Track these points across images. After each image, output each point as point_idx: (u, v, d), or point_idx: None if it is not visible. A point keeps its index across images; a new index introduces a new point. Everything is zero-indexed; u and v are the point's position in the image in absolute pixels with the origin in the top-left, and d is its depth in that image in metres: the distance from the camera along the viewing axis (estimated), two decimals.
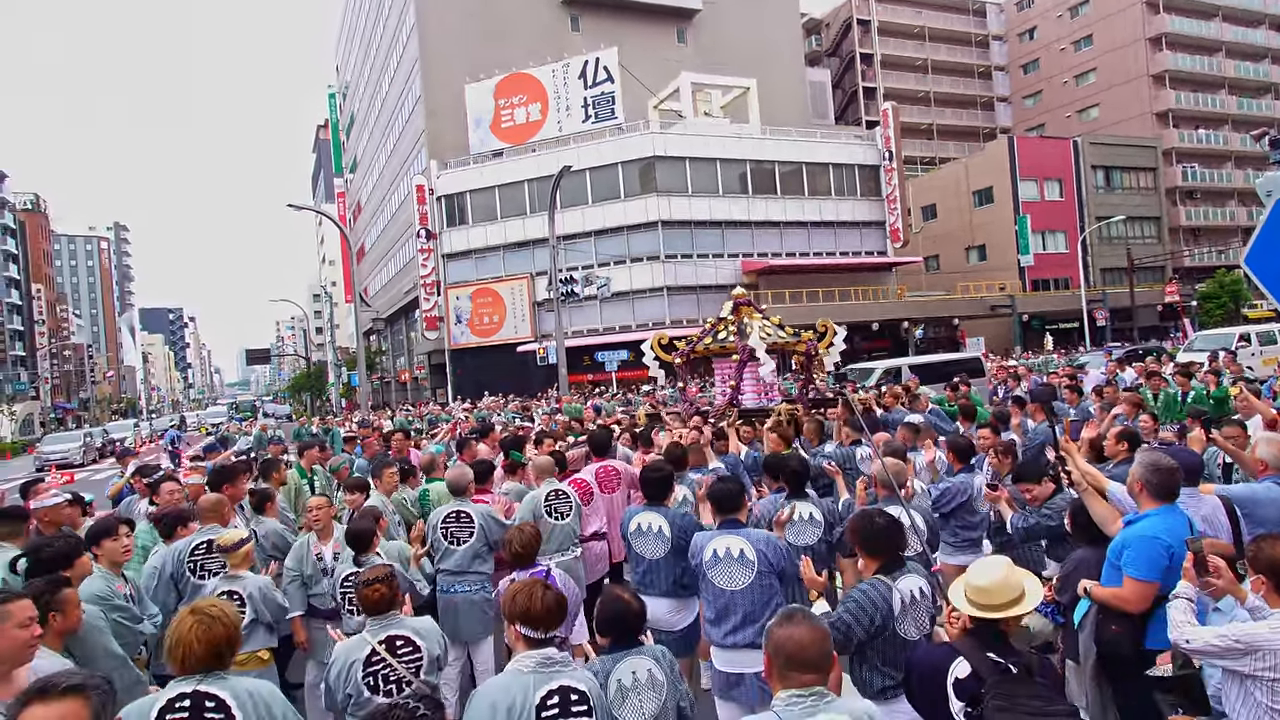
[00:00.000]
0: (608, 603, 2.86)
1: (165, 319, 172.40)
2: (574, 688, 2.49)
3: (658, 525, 4.46)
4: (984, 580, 2.55)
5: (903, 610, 3.03)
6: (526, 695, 2.43)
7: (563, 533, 5.45)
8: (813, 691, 2.06)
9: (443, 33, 40.51)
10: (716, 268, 37.02)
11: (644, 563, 4.49)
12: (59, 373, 77.16)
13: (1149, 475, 3.38)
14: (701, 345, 10.15)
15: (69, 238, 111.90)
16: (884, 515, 3.23)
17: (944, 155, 58.42)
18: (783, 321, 10.36)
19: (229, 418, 49.16)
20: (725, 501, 3.98)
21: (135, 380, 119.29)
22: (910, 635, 3.04)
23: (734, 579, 3.74)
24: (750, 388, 9.76)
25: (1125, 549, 3.27)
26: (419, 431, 14.37)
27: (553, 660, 2.52)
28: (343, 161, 68.02)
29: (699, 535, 4.01)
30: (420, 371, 46.31)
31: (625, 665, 2.76)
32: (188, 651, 2.46)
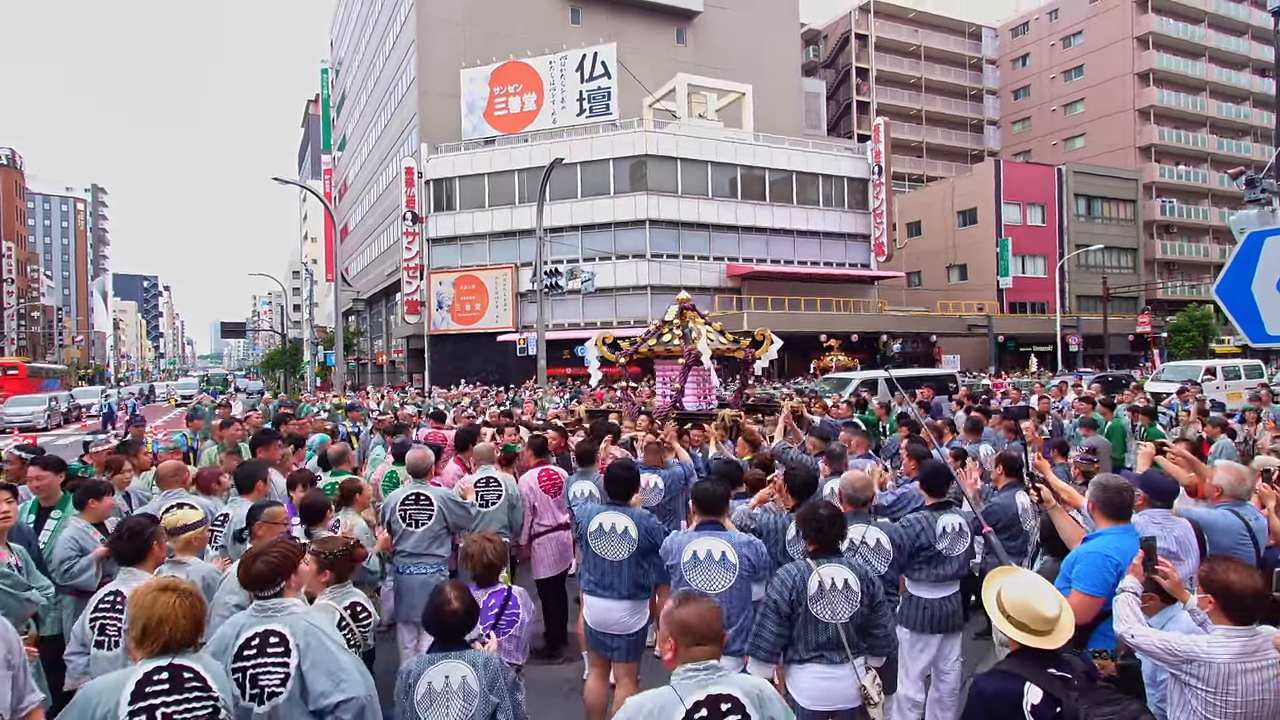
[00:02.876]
0: (433, 600, 2.80)
1: (139, 286, 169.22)
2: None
3: (623, 526, 4.32)
4: (1037, 602, 2.52)
5: (819, 594, 3.24)
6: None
7: (487, 520, 5.55)
8: (706, 665, 2.27)
9: (441, 15, 40.23)
10: (701, 269, 37.16)
11: (603, 564, 4.33)
12: (26, 334, 75.48)
13: (1099, 494, 3.56)
14: (645, 347, 10.33)
15: (44, 197, 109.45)
16: (829, 507, 3.49)
17: (932, 174, 59.10)
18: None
19: (200, 390, 48.42)
20: (709, 502, 3.89)
21: (105, 346, 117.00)
22: (822, 617, 3.25)
23: (714, 582, 3.68)
24: (692, 391, 9.93)
25: (1076, 563, 3.46)
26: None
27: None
28: (332, 138, 67.24)
29: (676, 536, 3.93)
30: (398, 355, 45.99)
31: (439, 669, 2.69)
32: (174, 628, 2.40)
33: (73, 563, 4.19)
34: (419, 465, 5.23)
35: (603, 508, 4.49)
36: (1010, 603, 2.57)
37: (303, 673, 2.67)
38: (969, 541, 4.50)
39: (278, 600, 2.80)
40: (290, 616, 2.77)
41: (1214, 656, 2.60)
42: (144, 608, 2.41)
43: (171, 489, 5.05)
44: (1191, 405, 10.79)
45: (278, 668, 2.69)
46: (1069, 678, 2.47)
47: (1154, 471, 4.38)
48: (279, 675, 2.68)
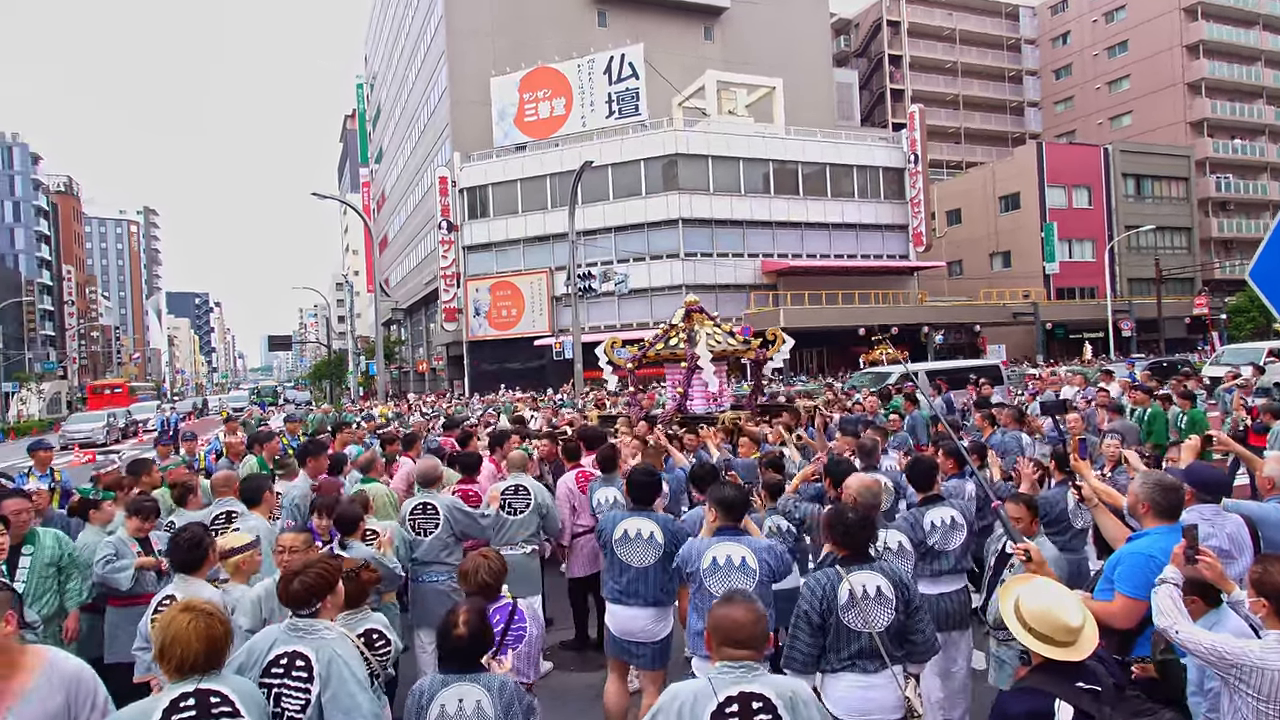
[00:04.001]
0: (444, 621, 2.73)
1: (191, 303, 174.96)
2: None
3: (649, 531, 4.26)
4: (1059, 611, 2.38)
5: (850, 602, 3.13)
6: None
7: (515, 527, 5.50)
8: (743, 664, 2.34)
9: (470, 26, 40.69)
10: (736, 267, 36.89)
11: (629, 571, 4.26)
12: (87, 353, 78.64)
13: (1147, 492, 3.34)
14: (653, 350, 10.25)
15: (99, 220, 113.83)
16: (856, 512, 3.38)
17: (971, 160, 57.75)
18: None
19: (250, 402, 49.79)
20: (731, 507, 3.81)
21: (160, 363, 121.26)
22: (855, 627, 3.13)
23: (734, 587, 3.61)
24: (699, 394, 9.80)
25: (1119, 564, 3.25)
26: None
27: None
28: (369, 152, 68.58)
29: (694, 542, 3.85)
30: (438, 363, 46.65)
31: (452, 691, 2.62)
32: (186, 651, 2.33)
33: (113, 559, 4.48)
34: (428, 475, 5.32)
35: (627, 514, 4.43)
36: (1030, 613, 2.42)
37: (321, 704, 2.64)
38: (965, 534, 4.33)
39: (311, 621, 2.78)
40: (319, 641, 2.73)
41: (1267, 664, 2.42)
42: (162, 626, 2.38)
43: (223, 497, 5.27)
44: (1235, 390, 10.22)
45: (300, 693, 2.67)
46: (1099, 690, 2.32)
47: (1201, 464, 4.13)
48: (300, 701, 2.67)
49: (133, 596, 4.53)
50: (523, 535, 5.53)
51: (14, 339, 60.30)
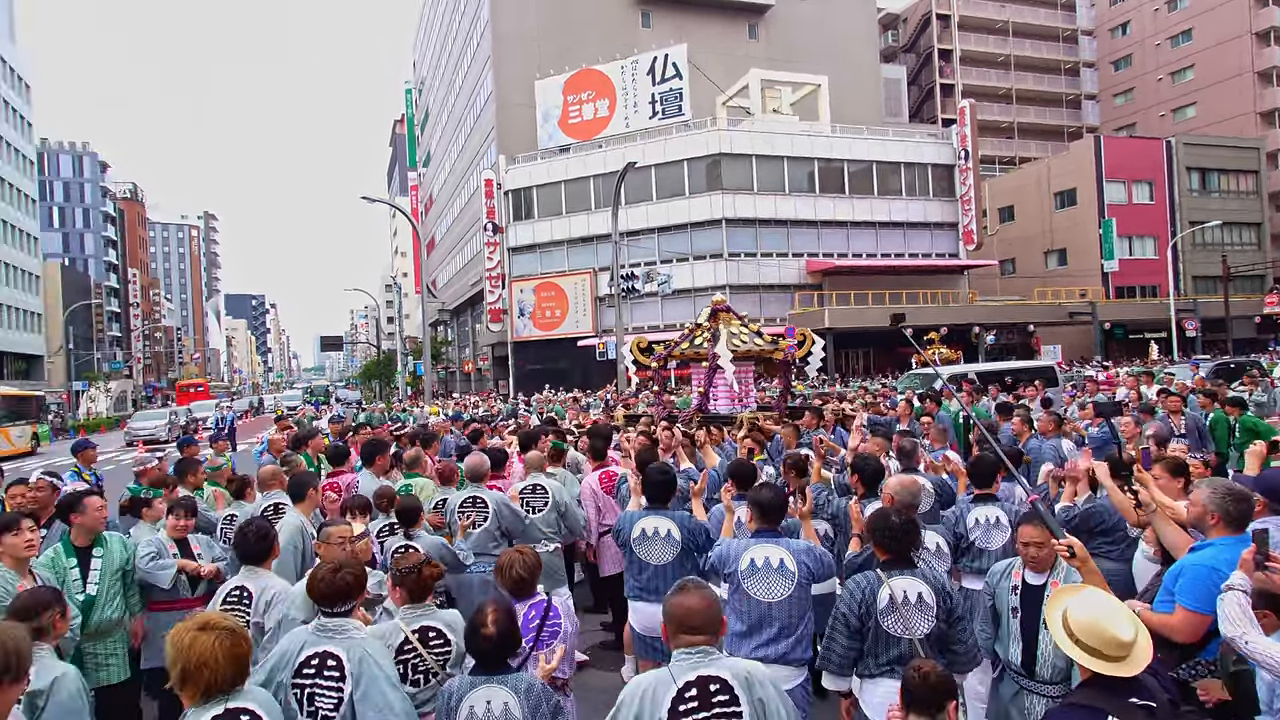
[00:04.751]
0: (471, 621, 2.72)
1: (248, 305, 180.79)
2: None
3: (665, 529, 4.33)
4: (1109, 624, 2.27)
5: (890, 607, 3.13)
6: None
7: (534, 525, 5.59)
8: (699, 650, 2.40)
9: (515, 29, 41.13)
10: (780, 267, 36.55)
11: (649, 569, 4.34)
12: (150, 353, 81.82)
13: (1216, 501, 3.18)
14: (679, 350, 10.17)
15: (163, 225, 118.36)
16: (900, 515, 3.35)
17: (1024, 155, 56.16)
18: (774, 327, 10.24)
19: (303, 401, 51.18)
20: (768, 509, 3.76)
21: (219, 362, 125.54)
22: (894, 632, 3.13)
23: (773, 590, 3.57)
24: (724, 394, 9.69)
25: (1180, 576, 3.10)
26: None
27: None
28: (417, 156, 69.88)
29: (732, 543, 3.81)
30: (484, 363, 47.26)
31: (480, 693, 2.62)
32: (215, 673, 2.25)
33: (155, 557, 4.54)
34: (476, 470, 5.56)
35: (644, 513, 4.49)
36: (1078, 625, 2.31)
37: (354, 702, 2.67)
38: (1007, 536, 4.30)
39: (341, 621, 2.81)
40: (349, 640, 2.76)
41: None
42: (182, 649, 2.25)
43: (270, 490, 5.55)
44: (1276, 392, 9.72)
45: (332, 692, 2.70)
46: (1153, 706, 2.21)
47: (1274, 471, 3.91)
48: (333, 700, 2.70)
49: (170, 601, 4.57)
50: (544, 533, 5.64)
51: (83, 340, 63.10)
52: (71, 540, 4.28)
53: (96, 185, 75.02)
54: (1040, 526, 3.25)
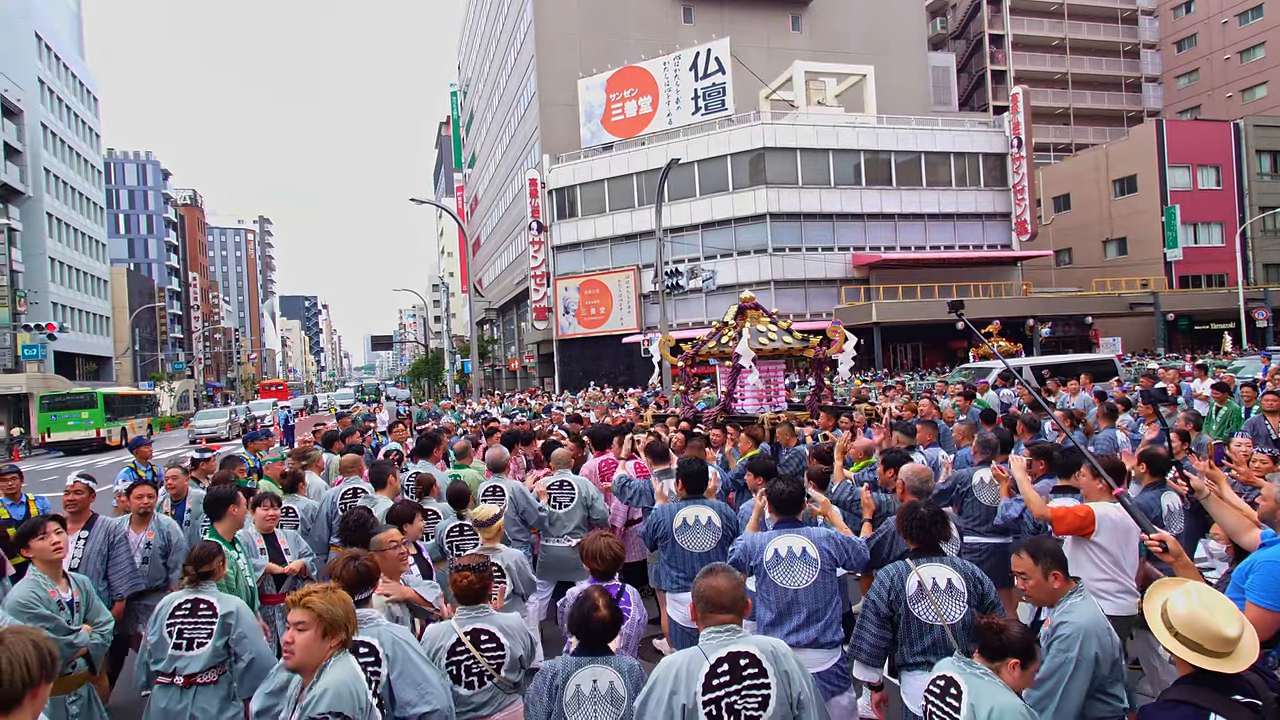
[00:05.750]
0: (582, 606, 2.80)
1: (302, 306, 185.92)
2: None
3: (706, 517, 4.49)
4: (1213, 619, 2.18)
5: (919, 594, 3.21)
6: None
7: (561, 520, 5.81)
8: (727, 628, 2.56)
9: (558, 29, 41.37)
10: (826, 261, 36.08)
11: (690, 559, 4.45)
12: (210, 354, 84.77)
13: None
14: (705, 349, 10.06)
15: (220, 229, 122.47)
16: (929, 506, 3.44)
17: (1081, 141, 54.33)
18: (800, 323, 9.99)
19: (356, 400, 52.43)
20: (783, 502, 3.89)
21: (275, 362, 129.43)
22: (924, 619, 3.20)
23: (797, 578, 3.69)
24: (751, 393, 9.55)
25: (1251, 572, 2.98)
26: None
27: None
28: (462, 156, 70.88)
29: (755, 536, 3.91)
30: (529, 361, 47.74)
31: (586, 672, 2.72)
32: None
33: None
34: (497, 461, 5.94)
35: (683, 503, 4.62)
36: (1179, 618, 2.22)
37: (391, 682, 2.78)
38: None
39: (364, 610, 2.91)
40: (376, 627, 2.89)
41: None
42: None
43: (350, 476, 6.12)
44: None
45: (370, 677, 2.78)
46: (1258, 704, 2.12)
47: None
48: (371, 684, 2.78)
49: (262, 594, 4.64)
50: (569, 528, 5.78)
51: (148, 341, 65.71)
52: (221, 535, 4.37)
53: (159, 192, 77.96)
54: (1020, 554, 3.01)
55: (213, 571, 3.66)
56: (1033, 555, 2.95)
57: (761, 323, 9.78)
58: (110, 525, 4.94)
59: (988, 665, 2.47)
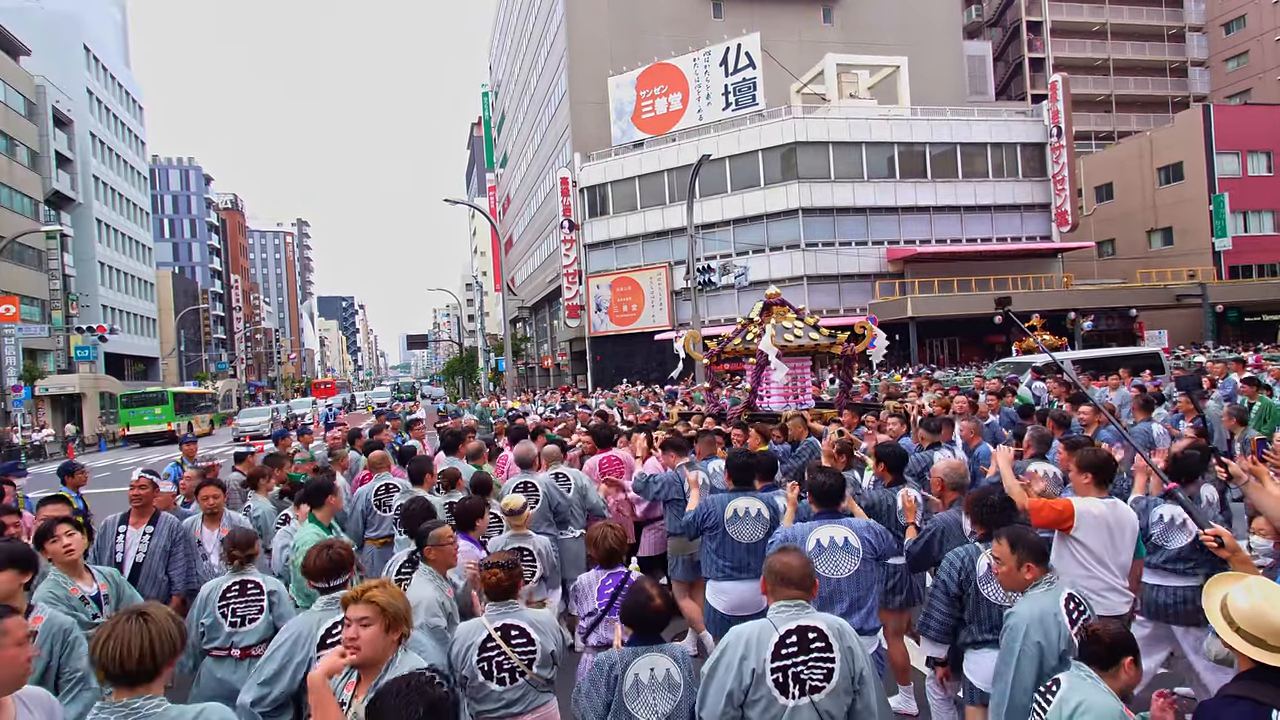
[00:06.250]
0: (635, 595, 2.89)
1: (339, 306, 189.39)
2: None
3: (756, 509, 4.64)
4: (1275, 610, 2.15)
5: (988, 575, 3.35)
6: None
7: (563, 512, 5.99)
8: (796, 603, 2.70)
9: (588, 28, 41.50)
10: (859, 255, 35.69)
11: (739, 549, 4.59)
12: (252, 354, 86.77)
13: None
14: (731, 346, 9.99)
15: (260, 232, 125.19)
16: (999, 494, 3.64)
17: (1123, 129, 52.92)
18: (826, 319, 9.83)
19: (393, 398, 53.30)
20: (826, 494, 3.98)
21: (314, 362, 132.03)
22: (993, 599, 3.37)
23: (840, 567, 3.78)
24: (778, 390, 9.44)
25: None
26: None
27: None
28: (494, 156, 71.49)
29: (798, 526, 3.99)
30: (562, 358, 48.04)
31: (644, 660, 2.79)
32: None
33: (289, 549, 4.78)
34: (525, 457, 6.15)
35: (733, 495, 4.73)
36: (1241, 613, 2.19)
37: None
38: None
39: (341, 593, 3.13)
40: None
41: None
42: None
43: (381, 472, 6.32)
44: None
45: None
46: None
47: None
48: None
49: None
50: (573, 517, 5.99)
51: (192, 342, 67.51)
52: (319, 520, 4.67)
53: (201, 197, 80.00)
54: (1000, 540, 3.05)
55: (255, 554, 4.03)
56: (1011, 544, 2.99)
57: (788, 319, 9.68)
58: (173, 522, 5.06)
59: (1099, 673, 2.48)
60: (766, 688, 2.58)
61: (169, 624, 2.13)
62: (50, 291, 43.92)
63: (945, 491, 4.22)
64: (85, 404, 41.35)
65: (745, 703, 2.59)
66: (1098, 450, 4.01)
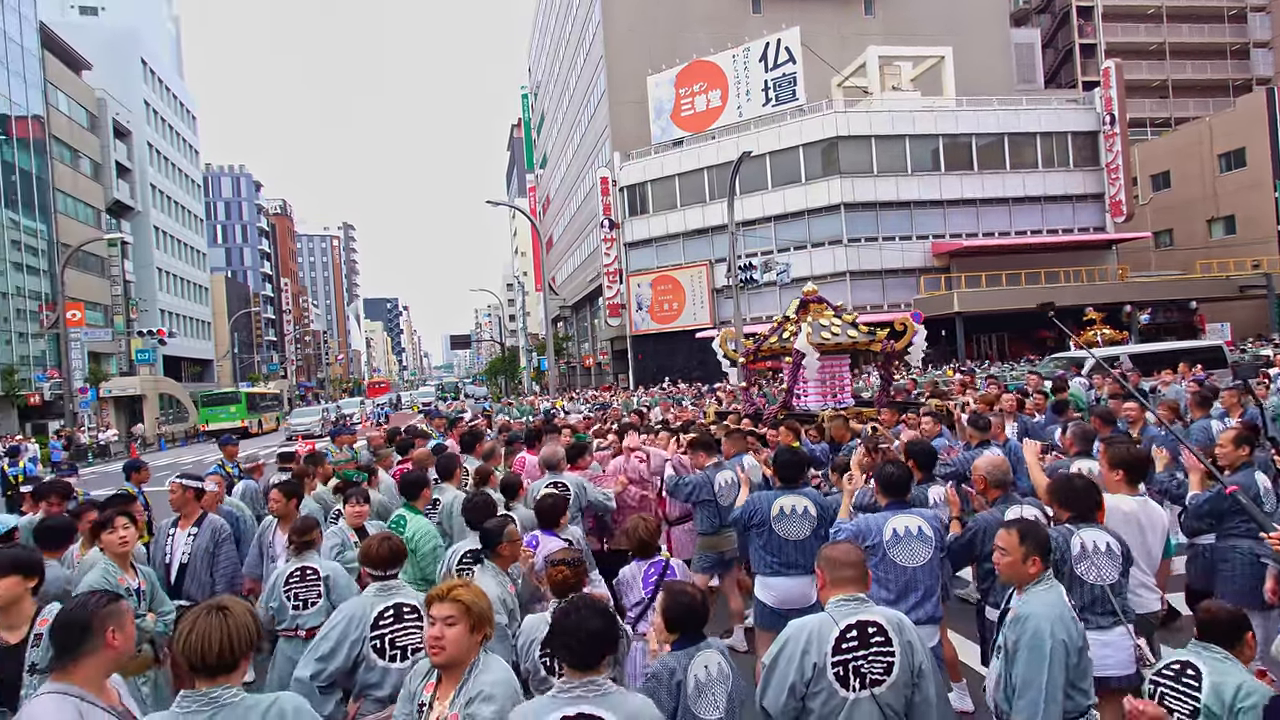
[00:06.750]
0: (677, 596, 2.83)
1: (384, 308, 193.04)
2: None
3: (803, 506, 4.66)
4: None
5: (1082, 554, 3.37)
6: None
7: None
8: (855, 597, 2.74)
9: (626, 27, 41.58)
10: (903, 250, 35.11)
11: (786, 545, 4.62)
12: (301, 355, 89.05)
13: None
14: (767, 345, 9.84)
15: (307, 236, 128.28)
16: (1082, 478, 3.62)
17: (1181, 115, 51.03)
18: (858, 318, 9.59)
19: (437, 397, 54.17)
20: (894, 484, 4.07)
21: (360, 362, 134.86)
22: (1087, 578, 3.37)
23: (916, 555, 3.83)
24: (815, 389, 9.31)
25: None
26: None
27: None
28: (534, 158, 72.08)
29: (871, 517, 4.05)
30: (604, 357, 48.24)
31: (699, 660, 2.78)
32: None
33: (340, 549, 4.78)
34: (551, 459, 6.15)
35: (779, 492, 4.76)
36: None
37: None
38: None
39: (395, 581, 3.43)
40: (408, 591, 3.39)
41: None
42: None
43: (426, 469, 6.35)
44: None
45: (415, 633, 3.25)
46: None
47: None
48: (415, 638, 3.24)
49: None
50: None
51: (244, 344, 69.54)
52: (418, 509, 5.01)
53: (252, 203, 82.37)
54: (1009, 530, 2.94)
55: (313, 541, 4.23)
56: (1020, 536, 2.90)
57: (825, 316, 9.55)
58: (217, 524, 5.08)
59: (1225, 650, 2.49)
60: (828, 680, 2.64)
61: (246, 618, 2.21)
62: (112, 297, 45.68)
63: (988, 489, 4.18)
64: (146, 405, 42.97)
65: (807, 694, 2.65)
66: (1129, 447, 3.99)
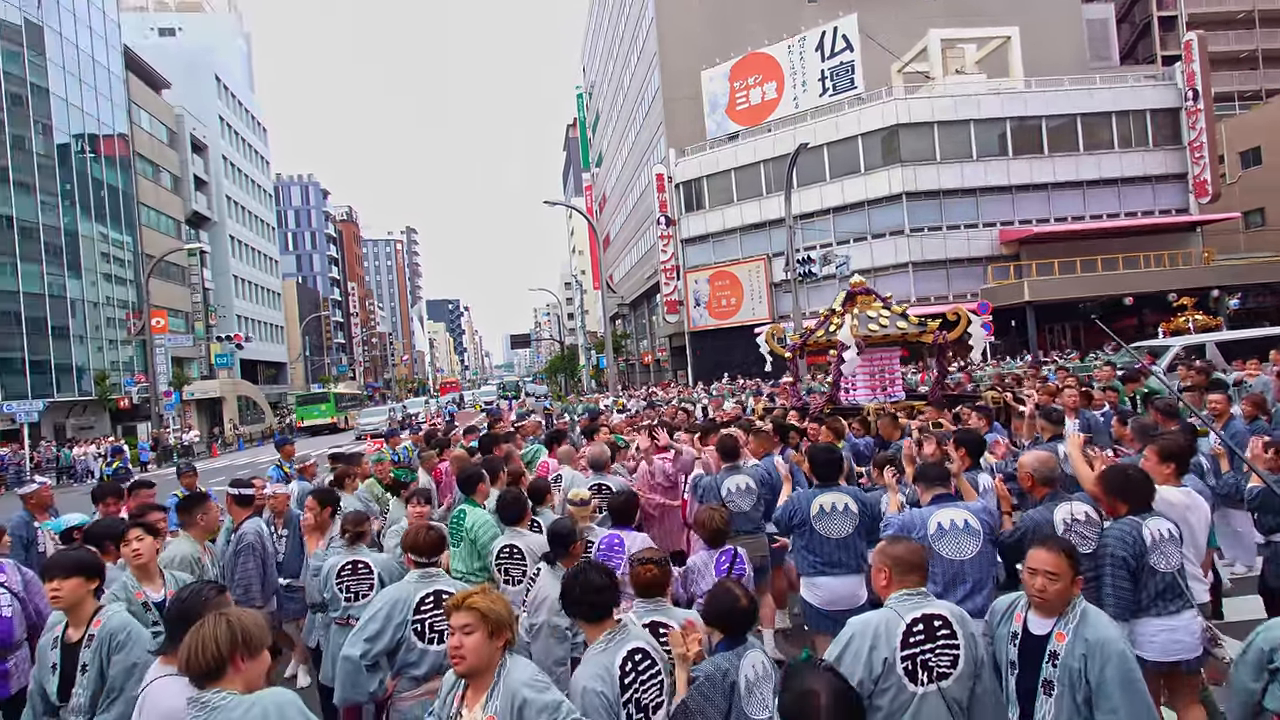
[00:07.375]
0: (723, 598, 2.86)
1: (446, 309, 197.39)
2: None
3: (844, 504, 4.62)
4: None
5: (1154, 544, 3.40)
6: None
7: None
8: (918, 591, 2.75)
9: (680, 23, 41.41)
10: (969, 239, 33.98)
11: (828, 544, 4.58)
12: (368, 357, 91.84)
13: None
14: (814, 338, 9.56)
15: (373, 241, 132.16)
16: (1136, 470, 3.66)
17: (1271, 87, 47.92)
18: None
19: (499, 396, 55.12)
20: (934, 475, 4.11)
21: (424, 363, 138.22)
22: (1160, 567, 3.40)
23: (962, 548, 3.81)
24: (864, 383, 9.06)
25: None
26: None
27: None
28: (589, 156, 72.55)
29: (918, 511, 4.03)
30: (662, 354, 48.23)
31: (746, 660, 2.81)
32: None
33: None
34: (598, 460, 6.27)
35: (818, 491, 4.71)
36: None
37: None
38: None
39: (435, 569, 3.61)
40: (448, 579, 3.58)
41: None
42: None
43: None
44: None
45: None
46: None
47: None
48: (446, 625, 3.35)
49: None
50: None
51: (315, 347, 72.12)
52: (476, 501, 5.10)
53: (320, 211, 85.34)
54: (1057, 552, 2.70)
55: (364, 533, 4.39)
56: (1068, 556, 2.71)
57: (873, 308, 9.35)
58: (244, 533, 5.15)
59: None
60: (896, 676, 2.62)
61: (218, 627, 2.19)
62: (192, 304, 47.99)
63: (1035, 486, 4.01)
64: (225, 407, 45.02)
65: (874, 691, 2.62)
66: (1178, 440, 4.01)
